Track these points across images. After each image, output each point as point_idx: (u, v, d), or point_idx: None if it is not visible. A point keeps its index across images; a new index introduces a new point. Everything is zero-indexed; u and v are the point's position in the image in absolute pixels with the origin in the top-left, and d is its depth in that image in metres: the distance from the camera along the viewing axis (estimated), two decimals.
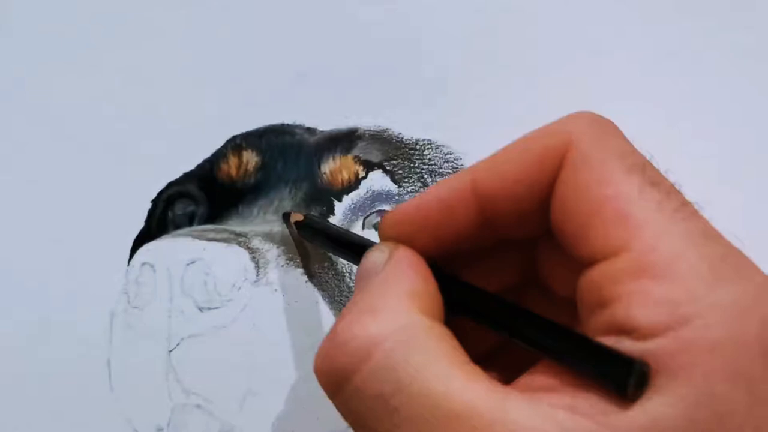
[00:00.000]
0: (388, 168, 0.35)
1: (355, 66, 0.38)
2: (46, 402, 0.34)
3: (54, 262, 0.36)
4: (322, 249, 0.32)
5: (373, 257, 0.23)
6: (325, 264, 0.33)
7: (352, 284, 0.33)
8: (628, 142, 0.21)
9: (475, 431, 0.18)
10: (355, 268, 0.32)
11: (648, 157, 0.20)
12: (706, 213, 0.19)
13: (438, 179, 0.35)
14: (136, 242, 0.36)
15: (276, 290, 0.31)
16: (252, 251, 0.31)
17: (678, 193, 0.20)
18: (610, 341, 0.18)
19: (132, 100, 0.38)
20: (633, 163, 0.20)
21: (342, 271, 0.33)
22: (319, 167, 0.35)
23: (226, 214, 0.35)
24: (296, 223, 0.31)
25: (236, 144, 0.37)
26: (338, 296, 0.33)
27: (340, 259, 0.33)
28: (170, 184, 0.37)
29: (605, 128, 0.21)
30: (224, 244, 0.31)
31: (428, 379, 0.18)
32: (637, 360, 0.17)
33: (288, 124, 0.37)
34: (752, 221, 0.34)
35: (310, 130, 0.36)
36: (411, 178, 0.35)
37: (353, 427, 0.20)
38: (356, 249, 0.25)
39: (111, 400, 0.33)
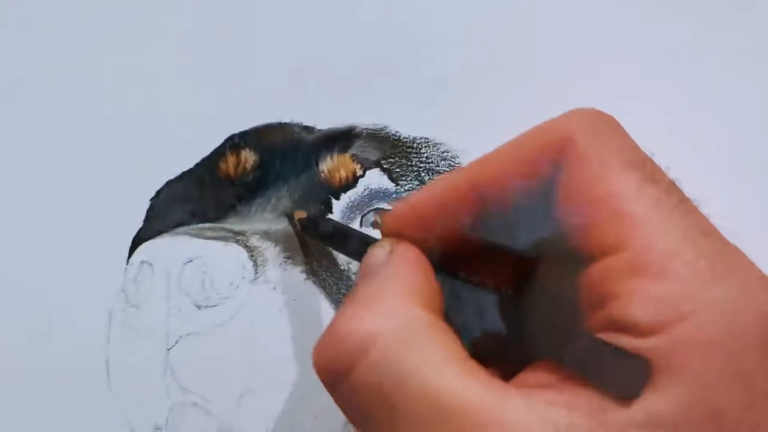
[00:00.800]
0: (385, 166, 0.35)
1: (355, 66, 0.38)
2: (45, 401, 0.34)
3: (54, 261, 0.36)
4: (326, 246, 0.32)
5: (375, 253, 0.23)
6: (325, 262, 0.33)
7: (352, 283, 0.33)
8: (629, 137, 0.21)
9: (471, 428, 0.17)
10: (355, 265, 0.32)
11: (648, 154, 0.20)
12: (705, 211, 0.19)
13: (435, 177, 0.35)
14: (135, 241, 0.36)
15: (274, 288, 0.31)
16: (250, 249, 0.31)
17: (677, 189, 0.20)
18: (608, 339, 0.18)
19: (132, 100, 0.38)
20: (632, 160, 0.20)
21: (343, 269, 0.33)
22: (317, 165, 0.35)
23: (224, 213, 0.35)
24: (299, 220, 0.31)
25: (234, 143, 0.37)
26: (337, 294, 0.33)
27: (341, 257, 0.33)
28: (168, 183, 0.37)
29: (605, 124, 0.21)
30: (222, 243, 0.31)
31: (426, 375, 0.18)
32: (635, 357, 0.17)
33: (286, 123, 0.37)
34: (750, 220, 0.33)
35: (308, 129, 0.36)
36: (408, 176, 0.35)
37: (352, 422, 0.20)
38: (360, 246, 0.25)
39: (109, 398, 0.33)
